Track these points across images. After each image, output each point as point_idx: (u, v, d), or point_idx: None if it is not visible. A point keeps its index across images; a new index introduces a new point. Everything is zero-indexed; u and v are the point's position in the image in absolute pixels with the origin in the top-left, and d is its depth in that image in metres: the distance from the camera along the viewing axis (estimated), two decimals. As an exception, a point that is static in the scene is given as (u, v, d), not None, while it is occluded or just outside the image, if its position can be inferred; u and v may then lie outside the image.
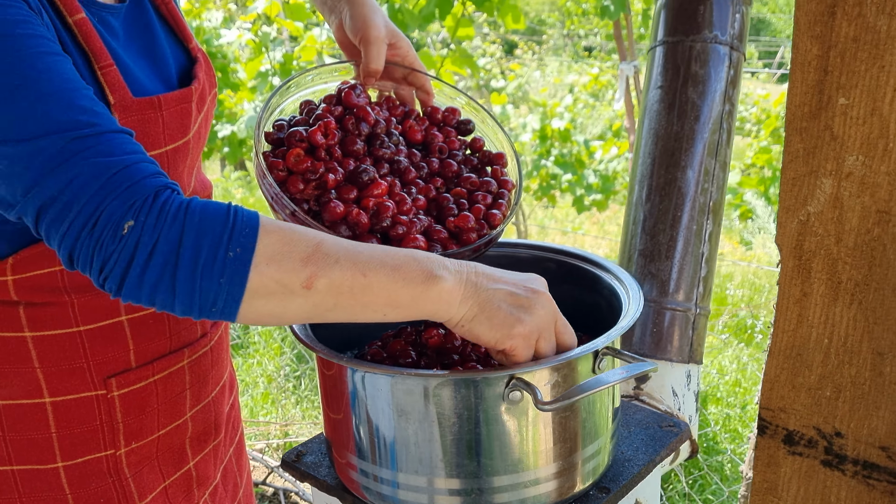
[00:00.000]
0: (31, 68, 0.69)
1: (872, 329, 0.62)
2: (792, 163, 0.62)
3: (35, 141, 0.68)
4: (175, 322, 0.95)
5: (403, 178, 0.95)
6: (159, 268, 0.68)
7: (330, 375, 0.86)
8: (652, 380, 1.20)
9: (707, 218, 1.21)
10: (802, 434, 0.68)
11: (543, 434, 0.79)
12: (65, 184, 0.68)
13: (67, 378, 0.88)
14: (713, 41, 1.21)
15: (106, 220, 0.68)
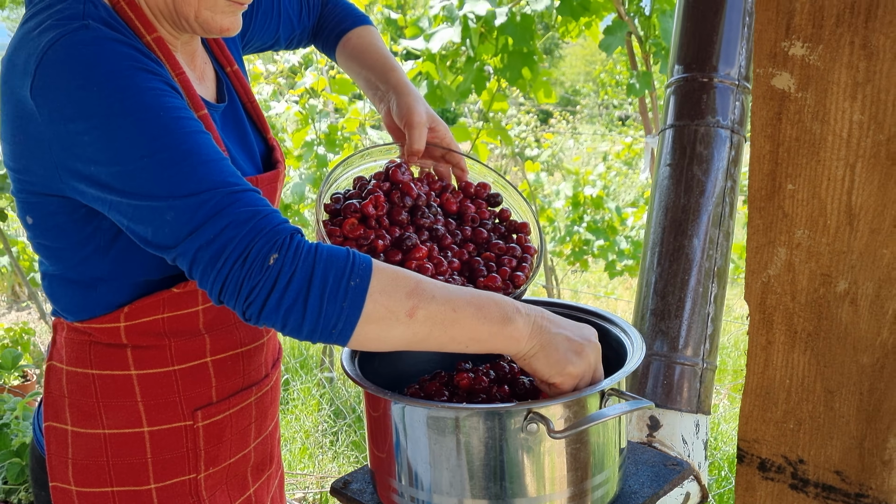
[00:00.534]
0: (194, 142, 0.88)
1: (823, 371, 0.75)
2: (754, 235, 0.77)
3: (198, 195, 0.85)
4: (247, 363, 1.11)
5: (441, 243, 1.11)
6: (294, 293, 0.84)
7: (375, 409, 1.00)
8: (663, 428, 1.33)
9: (712, 282, 1.35)
10: (773, 461, 0.81)
11: (557, 462, 0.93)
12: (221, 228, 0.85)
13: (163, 410, 1.05)
14: (716, 125, 1.36)
15: (255, 254, 0.84)
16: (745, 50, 1.40)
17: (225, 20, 1.00)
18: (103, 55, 0.88)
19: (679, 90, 1.42)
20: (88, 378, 1.04)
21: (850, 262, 0.71)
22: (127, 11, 0.97)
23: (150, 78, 0.89)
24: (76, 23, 0.90)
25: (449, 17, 3.19)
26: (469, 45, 3.15)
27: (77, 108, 0.86)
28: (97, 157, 0.87)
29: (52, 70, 0.87)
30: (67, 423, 1.05)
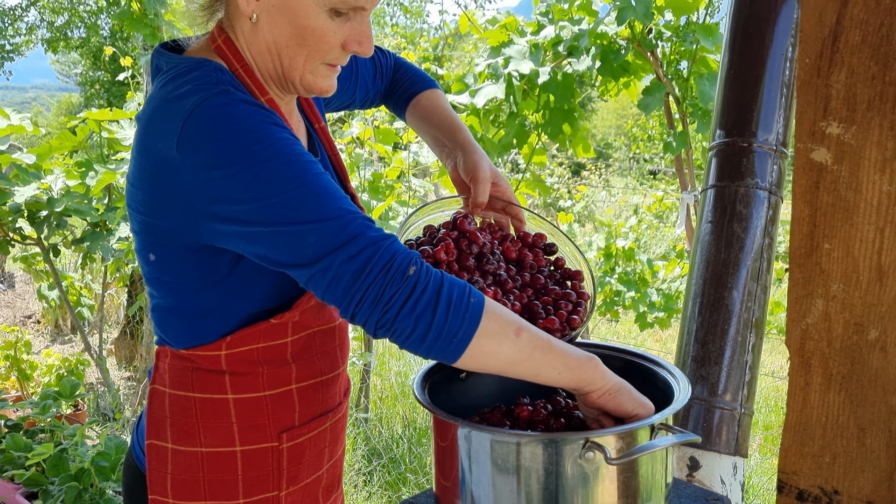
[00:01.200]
0: (325, 181, 1.03)
1: (856, 410, 0.85)
2: (794, 287, 0.87)
3: (340, 219, 1.00)
4: (325, 391, 1.23)
5: (503, 287, 1.23)
6: (426, 301, 0.98)
7: (443, 434, 1.11)
8: (703, 468, 1.41)
9: (750, 332, 1.44)
10: (810, 492, 0.90)
11: (609, 489, 1.02)
12: (365, 245, 0.99)
13: (254, 431, 1.16)
14: (754, 187, 1.47)
15: (397, 266, 0.98)
16: (783, 118, 1.51)
17: (324, 82, 1.14)
18: (241, 114, 1.03)
19: (720, 153, 1.53)
20: (190, 401, 1.16)
21: (880, 313, 0.81)
22: (244, 77, 1.12)
23: (280, 130, 1.04)
24: (215, 88, 1.04)
25: (493, 75, 3.35)
26: (512, 101, 3.30)
27: (221, 157, 1.00)
28: (240, 197, 1.01)
29: (197, 127, 1.01)
30: (168, 441, 1.16)
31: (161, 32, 5.28)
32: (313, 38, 1.09)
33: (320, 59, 1.11)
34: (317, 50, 1.10)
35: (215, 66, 1.09)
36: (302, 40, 1.09)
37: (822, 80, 0.81)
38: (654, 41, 3.09)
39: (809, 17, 0.81)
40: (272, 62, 1.13)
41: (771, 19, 1.52)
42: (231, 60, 1.13)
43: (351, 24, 1.10)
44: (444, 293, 0.99)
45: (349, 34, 1.10)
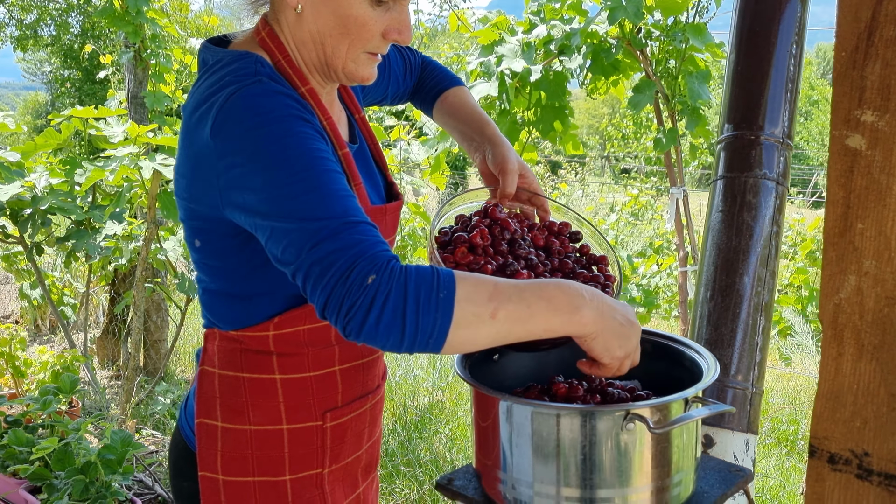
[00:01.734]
0: (328, 179, 1.05)
1: (886, 377, 0.92)
2: (828, 265, 0.94)
3: (320, 221, 1.01)
4: (365, 373, 1.28)
5: (535, 271, 1.28)
6: (391, 311, 0.96)
7: (484, 408, 1.16)
8: (717, 445, 1.48)
9: (760, 315, 1.52)
10: (841, 455, 0.97)
11: (646, 457, 1.08)
12: (332, 249, 0.99)
13: (300, 410, 1.21)
14: (763, 177, 1.55)
15: (356, 275, 0.98)
16: (788, 112, 1.59)
17: (366, 70, 1.19)
18: (269, 104, 1.07)
19: (729, 146, 1.60)
20: (239, 381, 1.20)
21: (910, 286, 0.88)
22: (286, 68, 1.17)
23: (302, 124, 1.08)
24: (250, 79, 1.09)
25: (486, 73, 3.40)
26: (505, 98, 3.36)
27: (243, 146, 1.05)
28: (252, 186, 1.05)
29: (229, 115, 1.06)
30: (218, 420, 1.21)
31: (143, 30, 5.26)
32: (356, 27, 1.14)
33: (362, 48, 1.17)
34: (359, 38, 1.15)
35: (256, 58, 1.14)
36: (345, 29, 1.14)
37: (857, 71, 0.87)
38: (644, 40, 3.17)
39: (846, 13, 0.87)
40: (315, 51, 1.18)
41: (776, 18, 1.60)
42: (274, 52, 1.18)
43: (391, 14, 1.16)
44: (411, 296, 0.97)
45: (389, 23, 1.16)
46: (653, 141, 3.23)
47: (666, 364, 1.29)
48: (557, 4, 3.36)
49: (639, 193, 9.52)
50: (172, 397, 4.50)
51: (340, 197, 1.04)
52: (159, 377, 4.72)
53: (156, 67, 5.42)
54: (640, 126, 11.47)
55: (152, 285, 4.61)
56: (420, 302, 0.97)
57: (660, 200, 10.12)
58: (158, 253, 4.33)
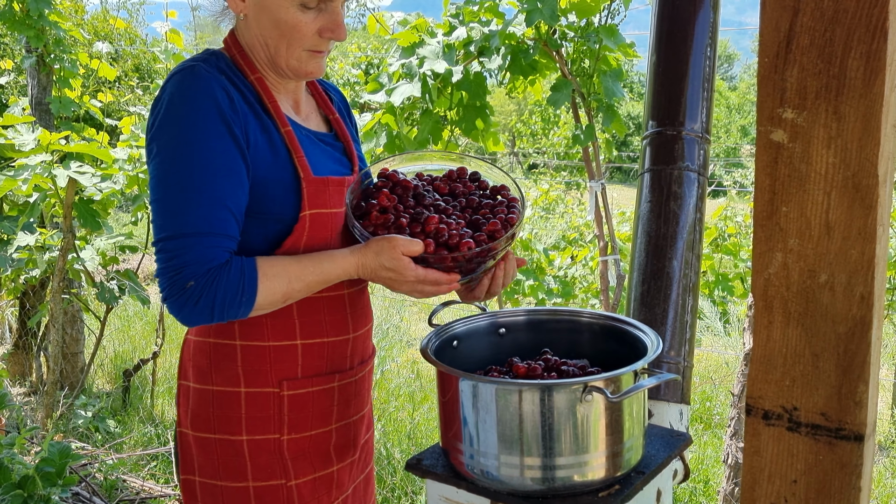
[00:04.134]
0: (213, 182, 1.27)
1: (810, 340, 1.05)
2: (758, 245, 1.07)
3: (183, 221, 1.25)
4: (332, 351, 1.39)
5: (445, 213, 1.40)
6: (199, 310, 1.24)
7: (451, 388, 1.25)
8: (654, 416, 1.61)
9: (689, 295, 1.66)
10: (773, 411, 1.10)
11: (602, 426, 1.19)
12: (175, 248, 1.24)
13: (257, 376, 1.32)
14: (686, 169, 1.69)
15: (181, 277, 1.23)
16: (705, 109, 1.74)
17: (309, 66, 1.35)
18: (198, 88, 1.25)
19: (653, 141, 1.74)
20: (207, 345, 1.35)
21: (828, 260, 1.02)
22: (239, 60, 1.35)
23: (218, 118, 1.24)
24: (199, 62, 1.29)
25: (408, 74, 3.48)
26: (428, 98, 3.45)
27: (162, 117, 1.26)
28: (154, 157, 1.25)
29: (162, 93, 1.27)
30: (190, 381, 1.37)
31: (46, 34, 5.10)
32: (289, 30, 1.29)
33: (300, 47, 1.32)
34: (294, 39, 1.30)
35: (213, 52, 1.34)
36: (280, 32, 1.30)
37: (778, 75, 1.01)
38: (560, 41, 3.32)
39: (768, 24, 1.00)
40: (263, 51, 1.34)
41: (691, 22, 1.75)
42: (231, 48, 1.36)
43: (323, 15, 1.30)
44: (218, 301, 1.23)
45: (323, 23, 1.31)
46: (570, 137, 3.38)
47: (612, 342, 1.41)
48: (475, 7, 3.47)
49: (549, 188, 9.79)
50: (94, 410, 4.39)
51: (209, 204, 1.23)
52: (79, 390, 4.60)
53: (60, 72, 5.26)
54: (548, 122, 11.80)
55: (69, 296, 4.48)
56: (226, 304, 1.25)
57: (570, 194, 10.43)
58: (75, 263, 4.22)
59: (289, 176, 1.31)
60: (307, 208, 1.32)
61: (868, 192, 0.98)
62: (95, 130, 5.09)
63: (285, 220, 1.32)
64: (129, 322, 6.21)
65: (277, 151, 1.31)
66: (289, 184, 1.31)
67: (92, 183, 3.88)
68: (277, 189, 1.30)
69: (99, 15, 11.99)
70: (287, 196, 1.31)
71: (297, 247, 1.32)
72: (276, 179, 1.30)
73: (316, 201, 1.33)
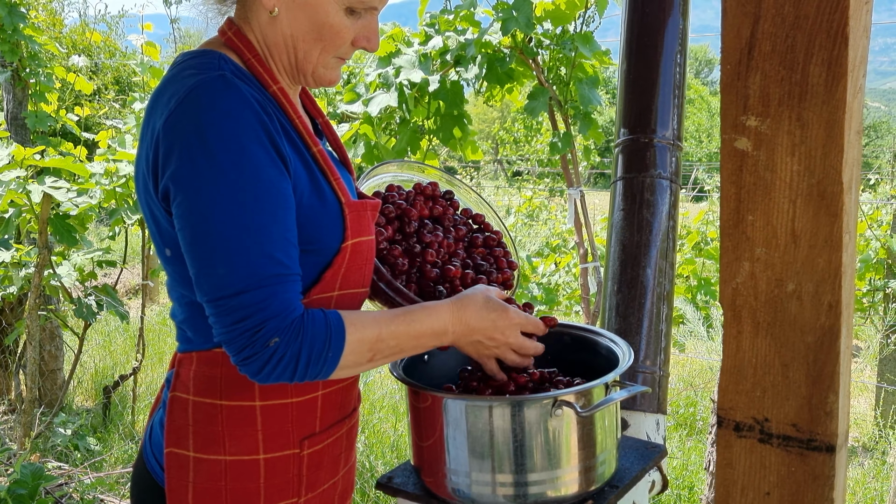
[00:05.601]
0: (271, 219, 1.09)
1: (780, 350, 1.04)
2: (725, 254, 1.05)
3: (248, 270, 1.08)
4: (344, 397, 1.28)
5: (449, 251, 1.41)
6: (283, 367, 1.08)
7: (421, 405, 1.22)
8: (631, 427, 1.59)
9: (663, 303, 1.64)
10: (745, 423, 1.09)
11: (574, 441, 1.17)
12: (249, 303, 1.07)
13: (278, 439, 1.19)
14: (658, 177, 1.68)
15: (263, 334, 1.07)
16: (676, 116, 1.73)
17: (333, 74, 1.23)
18: (229, 106, 1.07)
19: (626, 149, 1.73)
20: (216, 408, 1.17)
21: (795, 269, 1.00)
22: (257, 67, 1.18)
23: (260, 142, 1.08)
24: (214, 72, 1.10)
25: (385, 84, 3.47)
26: (405, 108, 3.44)
27: (191, 144, 1.05)
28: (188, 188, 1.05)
29: (187, 107, 1.07)
30: (190, 450, 1.17)
31: (21, 49, 5.05)
32: (330, 34, 1.17)
33: (333, 53, 1.20)
34: (331, 44, 1.19)
35: (218, 54, 1.15)
36: (319, 35, 1.17)
37: (741, 82, 0.99)
38: (536, 49, 3.31)
39: (729, 31, 0.99)
40: (287, 54, 1.20)
41: (660, 31, 1.74)
42: (243, 51, 1.19)
43: (362, 22, 1.20)
44: (304, 356, 1.08)
45: (360, 31, 1.20)
46: (548, 145, 3.38)
47: (584, 353, 1.39)
48: (451, 16, 3.46)
49: (532, 195, 9.79)
50: (73, 427, 4.34)
51: (275, 242, 1.08)
52: (58, 408, 4.53)
53: (36, 87, 5.21)
54: (531, 129, 11.81)
55: (46, 313, 4.42)
56: (311, 361, 1.09)
57: (553, 201, 10.44)
58: (52, 279, 4.16)
59: (329, 203, 1.18)
60: (350, 237, 1.19)
61: (833, 199, 0.96)
62: (73, 145, 5.04)
63: (326, 251, 1.18)
64: (110, 337, 6.14)
65: (314, 175, 1.17)
66: (330, 211, 1.18)
67: (67, 198, 3.83)
68: (321, 218, 1.16)
69: (77, 28, 11.92)
70: (331, 226, 1.18)
71: (336, 279, 1.19)
72: (318, 207, 1.16)
73: (357, 229, 1.20)
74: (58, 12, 11.96)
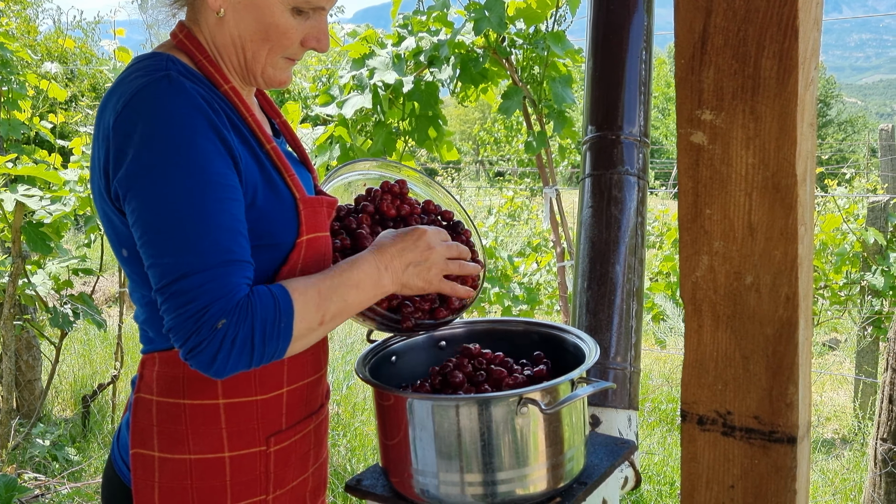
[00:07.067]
0: (218, 208, 1.08)
1: (740, 343, 1.04)
2: (684, 248, 1.05)
3: (194, 255, 1.06)
4: (310, 393, 1.27)
5: None
6: (238, 351, 1.05)
7: (387, 406, 1.22)
8: (603, 423, 1.60)
9: (633, 300, 1.65)
10: (708, 416, 1.09)
11: (541, 438, 1.17)
12: (193, 286, 1.05)
13: (243, 436, 1.18)
14: (625, 173, 1.68)
15: (209, 316, 1.04)
16: (643, 112, 1.73)
17: (283, 75, 1.23)
18: (176, 105, 1.08)
19: (594, 146, 1.73)
20: (179, 407, 1.16)
21: (753, 261, 1.01)
22: (207, 67, 1.19)
23: (206, 137, 1.09)
24: (160, 72, 1.11)
25: (359, 86, 3.46)
26: (379, 110, 3.43)
27: (141, 140, 1.06)
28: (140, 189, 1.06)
29: (134, 109, 1.08)
30: (155, 450, 1.16)
31: (-10, 56, 5.00)
32: (276, 34, 1.18)
33: (281, 54, 1.21)
34: (279, 45, 1.19)
35: (167, 56, 1.16)
36: (266, 35, 1.18)
37: (695, 76, 1.00)
38: (509, 49, 3.31)
39: (682, 25, 0.99)
40: (236, 55, 1.21)
41: (625, 27, 1.74)
42: (194, 52, 1.20)
43: (310, 22, 1.20)
44: (258, 334, 1.06)
45: (308, 31, 1.21)
46: (524, 144, 3.38)
47: (552, 350, 1.39)
48: (424, 17, 3.45)
49: (514, 195, 9.81)
50: (52, 438, 4.29)
51: (222, 230, 1.08)
52: (35, 418, 4.48)
53: (8, 94, 5.16)
54: (511, 129, 11.84)
55: (22, 322, 4.38)
56: (266, 336, 1.07)
57: (534, 200, 10.46)
58: (27, 288, 4.12)
59: (283, 198, 1.19)
60: (305, 233, 1.19)
61: (788, 191, 0.97)
62: (48, 152, 4.99)
63: (281, 246, 1.18)
64: (89, 345, 6.09)
65: (266, 171, 1.18)
66: (284, 207, 1.18)
67: (41, 206, 3.80)
68: (274, 213, 1.17)
69: (52, 35, 11.82)
70: (284, 221, 1.18)
71: (293, 276, 1.18)
72: (271, 203, 1.17)
73: (312, 224, 1.21)
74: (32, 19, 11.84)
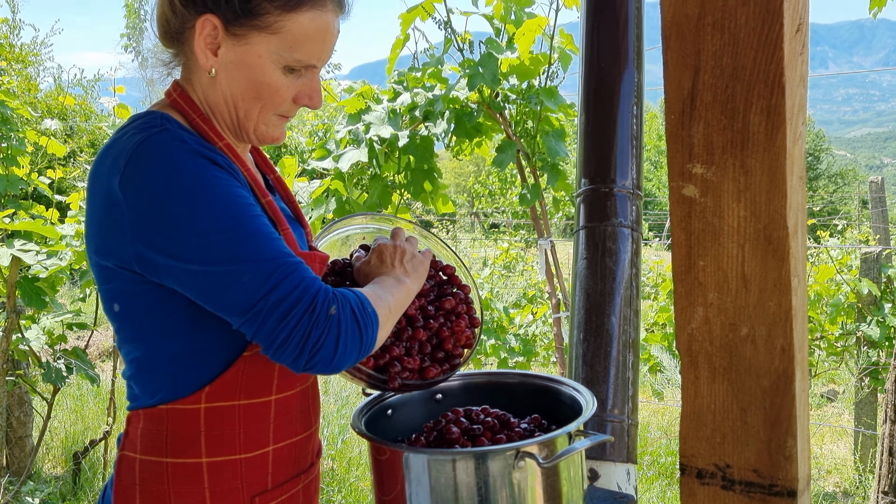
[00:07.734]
0: (260, 224, 1.10)
1: (737, 395, 1.04)
2: (679, 300, 1.06)
3: (272, 261, 1.07)
4: (299, 451, 1.25)
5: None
6: (353, 336, 1.10)
7: (383, 460, 1.21)
8: (602, 478, 1.58)
9: (629, 351, 1.65)
10: (707, 469, 1.08)
11: (539, 493, 1.16)
12: (293, 287, 1.07)
13: (226, 496, 1.15)
14: (619, 225, 1.70)
15: (320, 308, 1.07)
16: (635, 165, 1.76)
17: (275, 131, 1.25)
18: (180, 152, 1.10)
19: (587, 199, 1.75)
20: (162, 466, 1.14)
21: (748, 312, 1.01)
22: (202, 125, 1.20)
23: (220, 171, 1.11)
24: (156, 128, 1.12)
25: (355, 140, 3.50)
26: (375, 164, 3.47)
27: (159, 190, 1.07)
28: (176, 232, 1.06)
29: (139, 164, 1.08)
30: None
31: (-23, 99, 5.06)
32: (268, 93, 1.19)
33: (273, 111, 1.22)
34: (271, 102, 1.20)
35: (161, 114, 1.17)
36: (257, 94, 1.19)
37: (685, 131, 1.02)
38: (502, 104, 3.37)
39: (671, 82, 1.01)
40: (228, 113, 1.22)
41: (616, 83, 1.78)
42: (188, 111, 1.21)
43: (302, 80, 1.21)
44: (359, 317, 1.11)
45: (301, 89, 1.22)
46: (518, 196, 3.42)
47: (547, 402, 1.38)
48: (419, 73, 3.52)
49: (509, 246, 9.84)
50: (41, 496, 4.22)
51: (276, 239, 1.11)
52: (26, 476, 4.41)
53: (8, 150, 5.20)
54: (506, 182, 11.95)
55: (14, 378, 4.34)
56: (363, 318, 1.12)
57: (529, 252, 10.50)
58: (20, 343, 4.09)
59: None
60: None
61: (780, 243, 0.98)
62: (45, 207, 5.02)
63: None
64: (81, 401, 6.02)
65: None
66: None
67: (37, 260, 3.80)
68: None
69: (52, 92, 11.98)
70: None
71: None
72: None
73: None
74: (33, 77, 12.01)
